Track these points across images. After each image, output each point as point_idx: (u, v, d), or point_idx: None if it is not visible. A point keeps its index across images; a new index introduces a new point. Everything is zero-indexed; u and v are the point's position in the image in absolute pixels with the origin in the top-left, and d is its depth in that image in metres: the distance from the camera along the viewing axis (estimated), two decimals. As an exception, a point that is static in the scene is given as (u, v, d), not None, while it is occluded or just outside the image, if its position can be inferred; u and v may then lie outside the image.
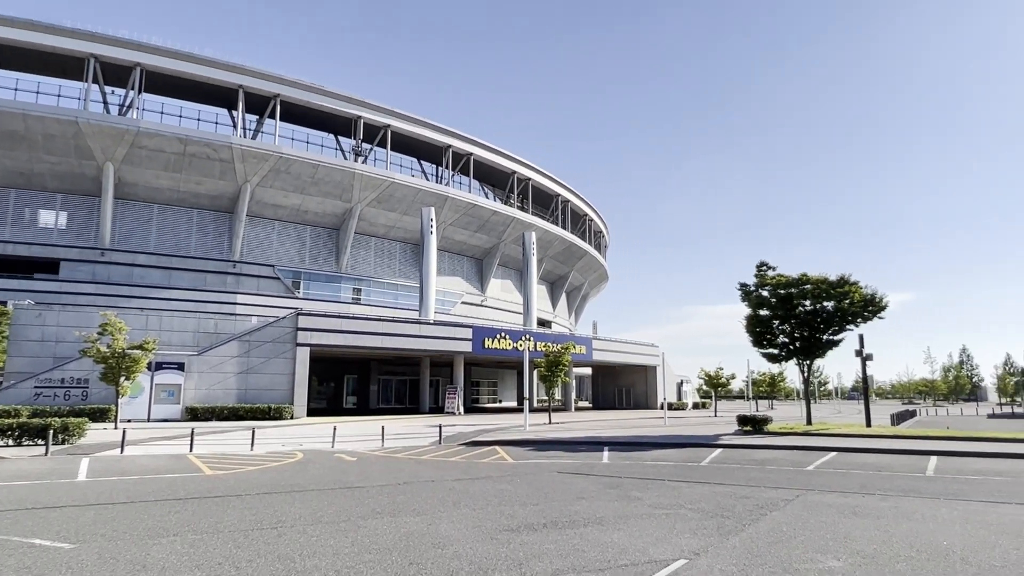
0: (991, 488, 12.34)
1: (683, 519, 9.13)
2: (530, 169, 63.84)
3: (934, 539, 7.91)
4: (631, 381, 65.79)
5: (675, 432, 27.76)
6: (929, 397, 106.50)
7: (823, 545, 7.55)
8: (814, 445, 20.55)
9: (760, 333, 30.97)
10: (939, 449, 19.08)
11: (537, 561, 6.71)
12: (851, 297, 28.84)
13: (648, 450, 20.09)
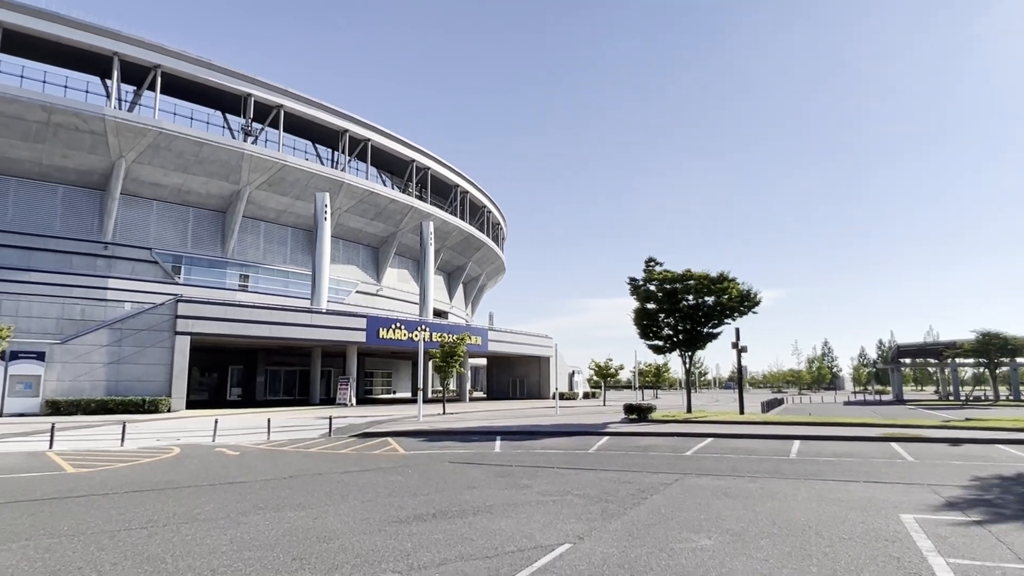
0: (844, 468, 13.58)
1: (570, 505, 9.41)
2: (429, 158, 63.18)
3: (793, 516, 8.61)
4: (525, 372, 66.94)
5: (565, 421, 28.53)
6: (795, 386, 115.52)
7: (697, 525, 8.03)
8: (693, 432, 21.77)
9: (647, 326, 32.37)
10: (801, 434, 20.75)
11: (425, 551, 6.71)
12: (729, 293, 30.70)
13: (539, 439, 20.53)
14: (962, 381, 78.40)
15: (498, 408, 43.11)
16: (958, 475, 12.50)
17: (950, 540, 7.26)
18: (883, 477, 12.31)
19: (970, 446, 17.82)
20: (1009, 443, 18.37)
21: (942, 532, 7.65)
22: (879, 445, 18.01)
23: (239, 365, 54.22)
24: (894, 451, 16.60)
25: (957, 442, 18.64)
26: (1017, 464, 14.24)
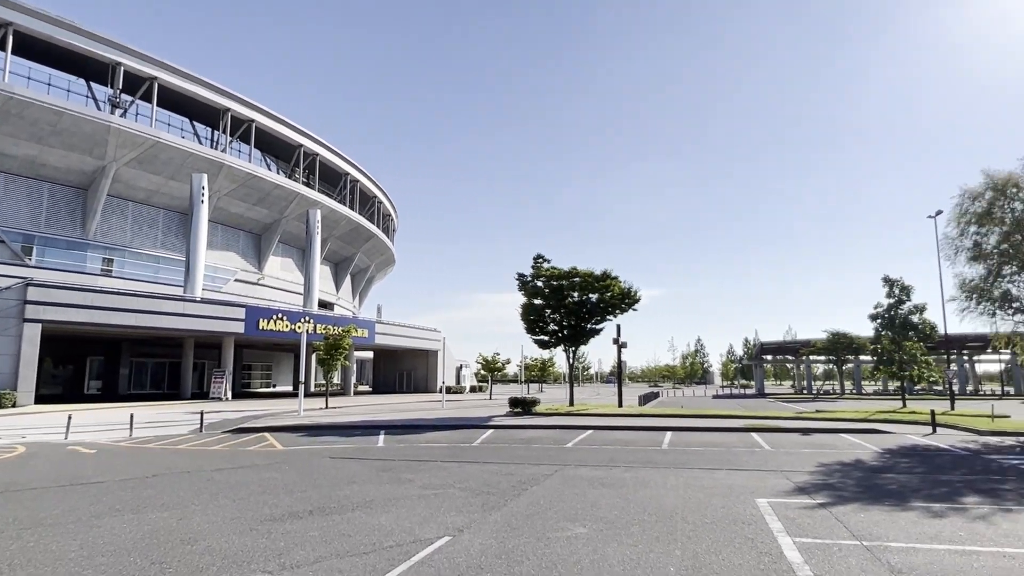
0: (709, 457, 14.51)
1: (451, 498, 9.45)
2: (318, 144, 60.93)
3: (663, 503, 9.11)
4: (412, 365, 66.35)
5: (451, 415, 28.58)
6: (670, 380, 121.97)
7: (573, 514, 8.31)
8: (574, 424, 22.49)
9: (534, 321, 33.03)
10: (673, 425, 21.99)
11: (299, 549, 6.50)
12: (612, 290, 31.93)
13: (424, 433, 20.44)
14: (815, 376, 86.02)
15: (383, 402, 42.47)
16: (807, 462, 13.71)
17: (797, 521, 7.95)
18: (743, 465, 13.27)
19: (818, 435, 19.58)
20: (850, 432, 20.39)
21: (791, 514, 8.36)
22: (741, 435, 19.39)
23: (100, 356, 50.01)
24: (754, 441, 17.95)
25: (808, 432, 20.43)
26: (856, 451, 15.83)
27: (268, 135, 55.69)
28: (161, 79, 46.31)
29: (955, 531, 7.48)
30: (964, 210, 22.61)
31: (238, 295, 52.87)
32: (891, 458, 14.62)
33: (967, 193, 22.56)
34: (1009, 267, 22.11)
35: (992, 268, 22.36)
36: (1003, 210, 21.73)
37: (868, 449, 16.27)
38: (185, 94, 48.50)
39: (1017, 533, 7.38)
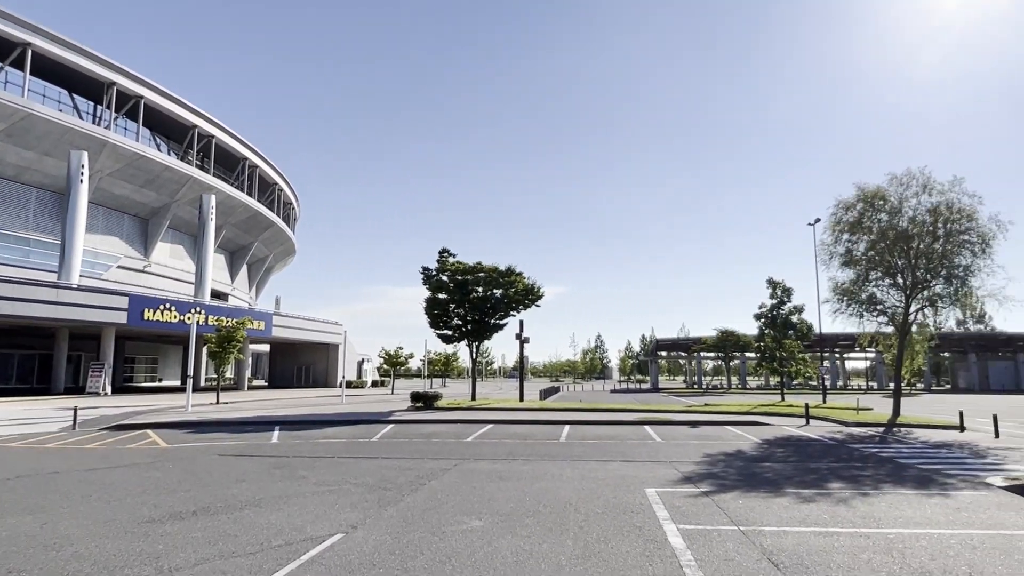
0: (604, 449, 15.01)
1: (346, 494, 9.27)
2: (214, 126, 57.63)
3: (558, 495, 9.34)
4: (312, 359, 64.44)
5: (351, 410, 27.99)
6: (571, 375, 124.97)
7: (470, 508, 8.37)
8: (475, 419, 22.61)
9: (438, 315, 32.87)
10: (572, 419, 22.56)
11: (180, 552, 6.19)
12: (516, 286, 32.30)
13: (321, 428, 19.91)
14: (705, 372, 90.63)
15: (280, 397, 40.98)
16: (694, 453, 14.46)
17: (682, 509, 8.38)
18: (636, 456, 13.82)
19: (705, 428, 20.67)
20: (734, 424, 21.67)
21: (677, 502, 8.80)
22: (635, 428, 20.16)
23: (-45, 347, 45.36)
24: (647, 433, 18.71)
25: (696, 424, 21.51)
26: (738, 442, 16.85)
27: (159, 113, 52.11)
28: (36, 45, 42.31)
29: (820, 514, 8.12)
30: (838, 219, 24.48)
31: (121, 283, 49.34)
32: (769, 448, 15.67)
33: (841, 204, 24.44)
34: (875, 272, 24.16)
35: (861, 273, 24.34)
36: (871, 220, 23.70)
37: (749, 440, 17.36)
38: (65, 64, 44.55)
39: (873, 515, 8.11)
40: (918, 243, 22.82)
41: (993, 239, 21.94)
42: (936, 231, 22.65)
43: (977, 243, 22.15)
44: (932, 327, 25.26)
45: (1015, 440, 17.13)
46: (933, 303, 23.68)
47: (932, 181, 22.90)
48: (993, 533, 7.23)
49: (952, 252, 22.52)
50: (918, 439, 17.50)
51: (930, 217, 22.71)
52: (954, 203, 22.43)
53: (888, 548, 6.53)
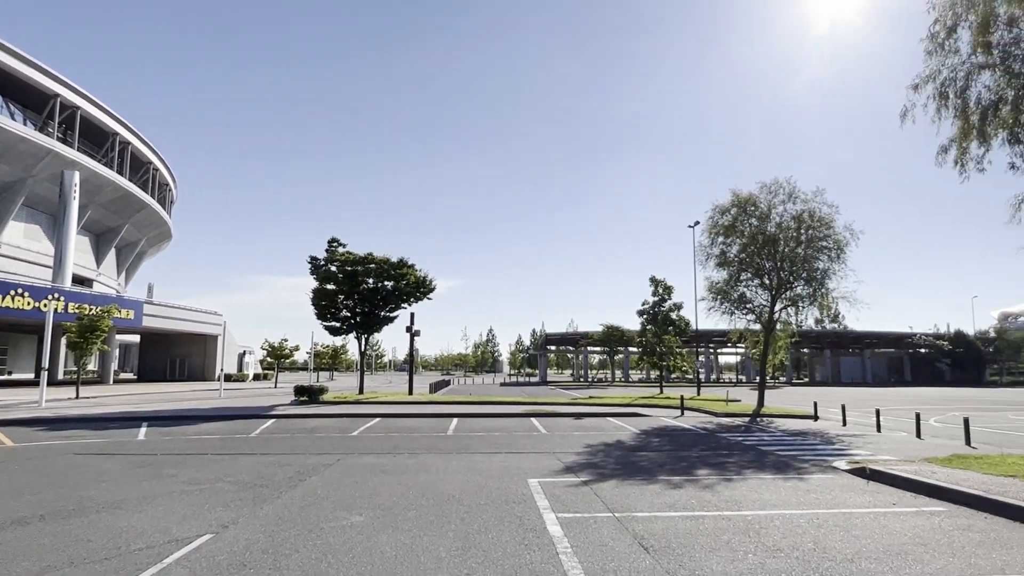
0: (491, 441, 15.18)
1: (219, 493, 8.83)
2: (81, 96, 52.47)
3: (442, 488, 9.35)
4: (188, 351, 60.72)
5: (229, 404, 26.66)
6: (462, 369, 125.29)
7: (351, 503, 8.21)
8: (362, 412, 22.19)
9: (326, 306, 31.93)
10: (460, 412, 22.65)
11: (22, 560, 5.64)
12: (408, 278, 31.96)
13: (195, 424, 18.82)
14: (592, 365, 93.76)
15: (150, 391, 38.33)
16: (576, 443, 14.93)
17: (562, 498, 8.64)
18: (521, 448, 14.08)
19: (589, 419, 21.40)
20: (616, 416, 22.59)
21: (557, 492, 9.06)
22: (522, 420, 20.55)
23: None
24: (533, 425, 19.12)
25: (580, 416, 22.23)
26: (619, 433, 17.57)
27: (16, 80, 46.82)
28: None
29: (688, 499, 8.63)
30: (715, 222, 26.04)
31: (-39, 264, 44.15)
32: (646, 438, 16.45)
33: (717, 208, 26.01)
34: (746, 273, 25.93)
35: (733, 273, 26.05)
36: (744, 224, 25.40)
37: (628, 431, 18.14)
38: None
39: (735, 499, 8.71)
40: (783, 247, 24.69)
41: (847, 246, 24.16)
42: (799, 236, 24.60)
43: (833, 249, 24.28)
44: (794, 325, 27.43)
45: (859, 428, 18.95)
46: (795, 303, 25.72)
47: (797, 190, 24.85)
48: (836, 512, 7.98)
49: (812, 256, 24.56)
50: (778, 428, 18.97)
51: (794, 223, 24.64)
52: (815, 211, 24.46)
53: (746, 529, 7.05)
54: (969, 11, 9.53)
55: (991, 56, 9.49)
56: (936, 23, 9.99)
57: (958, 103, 9.92)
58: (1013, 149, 9.56)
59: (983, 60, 9.63)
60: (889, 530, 7.06)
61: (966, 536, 6.82)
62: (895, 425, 19.58)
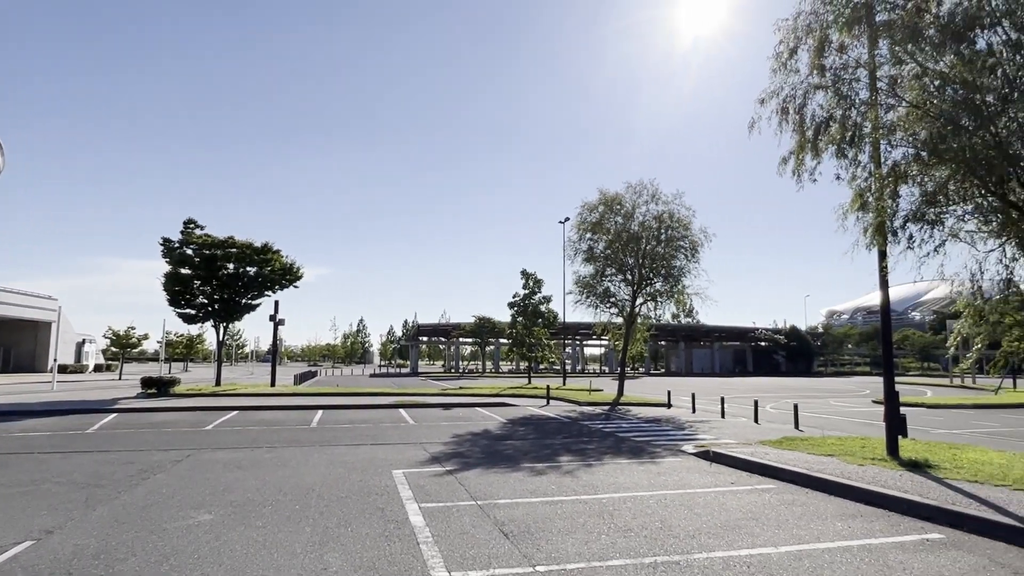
0: (357, 433, 14.85)
1: (45, 495, 7.98)
2: None
3: (302, 481, 9.02)
4: (15, 339, 54.39)
5: (64, 398, 24.14)
6: (331, 360, 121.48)
7: (200, 501, 7.72)
8: (219, 405, 20.92)
9: (179, 292, 29.75)
10: (326, 404, 21.97)
11: None
12: (273, 264, 30.50)
13: (20, 420, 16.89)
14: (463, 356, 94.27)
15: (-36, 384, 33.86)
16: (444, 434, 14.97)
17: (426, 488, 8.63)
18: (388, 439, 13.90)
19: (458, 409, 21.53)
20: (484, 406, 22.88)
21: (422, 482, 9.04)
22: (390, 411, 20.29)
23: None
24: (401, 416, 18.93)
25: (449, 407, 22.30)
26: (486, 422, 17.82)
27: None
28: None
29: (549, 485, 8.92)
30: (583, 219, 27.05)
31: None
32: (512, 427, 16.81)
33: (586, 206, 27.03)
34: (611, 269, 27.19)
35: (599, 269, 27.22)
36: (610, 222, 26.59)
37: (496, 420, 18.45)
38: None
39: (592, 483, 9.12)
40: (645, 245, 26.12)
41: (701, 247, 26.01)
42: (660, 236, 26.13)
43: (689, 249, 26.05)
44: (653, 319, 29.09)
45: (707, 414, 20.46)
46: (655, 298, 27.32)
47: (659, 192, 26.37)
48: (681, 492, 8.58)
49: (671, 255, 26.19)
50: (636, 416, 20.06)
51: (656, 223, 26.13)
52: (675, 213, 26.08)
53: (601, 511, 7.40)
54: (808, 35, 10.54)
55: (825, 78, 10.57)
56: (781, 44, 10.96)
57: (796, 118, 10.96)
58: (839, 162, 10.72)
59: (818, 81, 10.69)
60: (727, 507, 7.70)
61: (790, 510, 7.58)
62: (737, 411, 21.33)
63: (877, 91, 10.25)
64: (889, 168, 10.37)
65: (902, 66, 10.13)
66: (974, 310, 14.04)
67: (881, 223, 10.10)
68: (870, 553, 5.86)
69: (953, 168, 9.68)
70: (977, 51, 9.06)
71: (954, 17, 9.10)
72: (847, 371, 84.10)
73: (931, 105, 9.67)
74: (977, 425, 18.88)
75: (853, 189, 10.71)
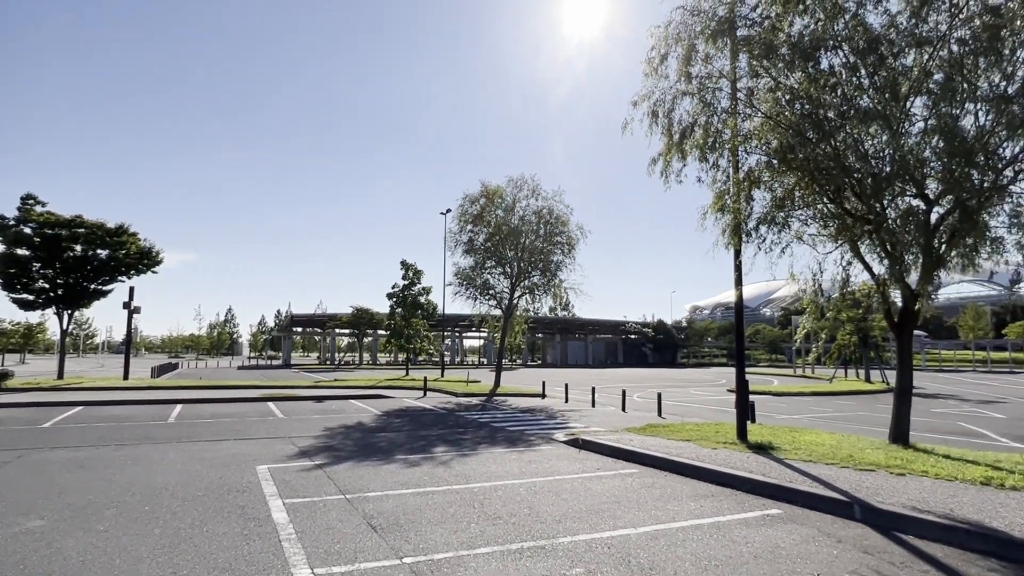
0: (219, 428, 14.03)
1: None
2: None
3: (153, 481, 8.38)
4: None
5: None
6: (195, 351, 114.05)
7: (31, 505, 6.96)
8: (60, 400, 19.04)
9: (15, 275, 26.76)
10: (186, 397, 20.57)
11: None
12: (128, 247, 28.13)
13: None
14: (340, 348, 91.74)
15: None
16: (315, 427, 14.47)
17: (292, 483, 8.29)
18: (254, 434, 13.23)
19: (331, 402, 20.91)
20: (359, 398, 22.38)
21: (288, 477, 8.68)
22: (258, 405, 19.35)
23: None
24: (269, 409, 18.10)
25: (322, 399, 21.61)
26: (360, 415, 17.43)
27: None
28: None
29: (422, 477, 8.87)
30: (464, 211, 27.10)
31: None
32: (388, 419, 16.55)
33: (468, 198, 27.11)
34: (490, 261, 27.44)
35: (479, 261, 27.40)
36: (491, 215, 26.82)
37: (371, 412, 18.09)
38: None
39: (465, 473, 9.16)
40: (525, 239, 26.59)
41: (577, 243, 26.87)
42: (539, 230, 26.71)
43: (566, 244, 26.83)
44: (531, 311, 29.71)
45: (579, 404, 21.19)
46: (532, 291, 27.90)
47: (540, 188, 26.95)
48: (550, 479, 8.82)
49: (549, 250, 26.85)
50: (511, 406, 20.41)
51: (535, 218, 26.68)
52: (554, 209, 26.77)
53: (472, 500, 7.45)
54: (677, 44, 11.13)
55: (691, 85, 11.22)
56: (653, 49, 11.50)
57: (666, 122, 11.55)
58: (702, 165, 11.43)
59: (686, 87, 11.34)
60: (592, 492, 8.00)
61: (650, 492, 8.01)
62: (607, 401, 22.27)
63: (737, 101, 11.03)
64: (745, 173, 11.19)
65: (759, 79, 10.95)
66: (816, 307, 15.47)
67: (737, 224, 10.88)
68: (718, 530, 6.32)
69: (799, 176, 10.61)
70: (821, 70, 9.97)
71: (803, 37, 9.95)
72: (707, 362, 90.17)
73: (782, 117, 10.54)
74: (814, 411, 20.88)
75: (713, 192, 11.47)
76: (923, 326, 66.26)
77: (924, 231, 10.22)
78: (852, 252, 11.59)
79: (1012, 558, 5.47)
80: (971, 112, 9.65)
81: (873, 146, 10.31)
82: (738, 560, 5.39)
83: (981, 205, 9.74)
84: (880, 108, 9.78)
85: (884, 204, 10.45)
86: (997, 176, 9.65)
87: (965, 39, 9.29)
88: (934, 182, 10.41)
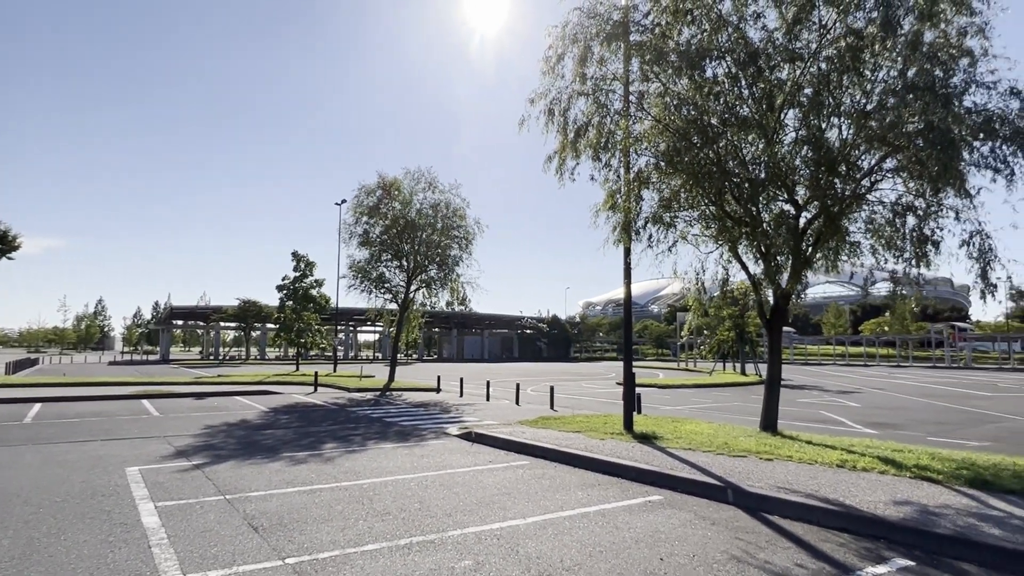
0: (85, 428, 12.95)
1: None
2: None
3: (6, 486, 7.63)
4: None
5: None
6: (59, 345, 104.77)
7: None
8: None
9: None
10: (47, 396, 18.87)
11: None
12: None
13: None
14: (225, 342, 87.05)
15: None
16: (195, 425, 13.68)
17: (166, 485, 7.79)
18: (124, 433, 12.33)
19: (213, 399, 19.83)
20: (244, 394, 21.38)
21: (161, 479, 8.14)
22: (130, 403, 18.05)
23: None
24: (143, 407, 16.93)
25: (203, 396, 20.45)
26: (245, 411, 16.65)
27: None
28: None
29: (308, 474, 8.59)
30: (360, 202, 26.43)
31: None
32: (274, 416, 15.91)
33: (364, 189, 26.45)
34: (387, 254, 26.94)
35: (375, 254, 26.82)
36: (387, 207, 26.31)
37: (256, 409, 17.32)
38: None
39: (354, 469, 8.96)
40: (422, 232, 26.30)
41: (475, 238, 26.90)
42: (436, 224, 26.49)
43: (464, 239, 26.78)
44: (428, 306, 29.45)
45: (473, 397, 21.28)
46: (429, 285, 27.64)
47: (437, 181, 26.70)
48: (442, 473, 8.80)
49: (446, 244, 26.70)
50: (405, 400, 20.18)
51: (432, 211, 26.44)
52: (451, 203, 26.63)
53: (360, 497, 7.30)
54: (574, 44, 11.36)
55: (586, 85, 11.50)
56: (550, 48, 11.67)
57: (561, 120, 11.78)
58: (595, 165, 11.76)
59: (581, 88, 11.60)
60: (483, 484, 8.06)
61: (540, 483, 8.17)
62: (502, 395, 22.49)
63: (629, 103, 11.42)
64: (635, 174, 11.63)
65: (650, 83, 11.40)
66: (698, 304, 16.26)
67: (627, 222, 11.29)
68: (603, 517, 6.54)
69: (684, 178, 11.15)
70: (706, 78, 10.51)
71: (691, 46, 10.44)
72: (599, 356, 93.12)
73: (670, 121, 11.02)
74: (695, 402, 22.06)
75: (605, 190, 11.83)
76: (792, 323, 71.92)
77: (794, 234, 11.04)
78: (731, 253, 12.32)
79: (861, 532, 6.03)
80: (836, 125, 10.50)
81: (751, 153, 11.00)
82: (621, 545, 5.60)
83: (842, 211, 10.66)
84: (757, 117, 10.44)
85: (759, 208, 11.19)
86: (856, 185, 10.58)
87: (832, 57, 10.09)
88: (803, 189, 11.25)
